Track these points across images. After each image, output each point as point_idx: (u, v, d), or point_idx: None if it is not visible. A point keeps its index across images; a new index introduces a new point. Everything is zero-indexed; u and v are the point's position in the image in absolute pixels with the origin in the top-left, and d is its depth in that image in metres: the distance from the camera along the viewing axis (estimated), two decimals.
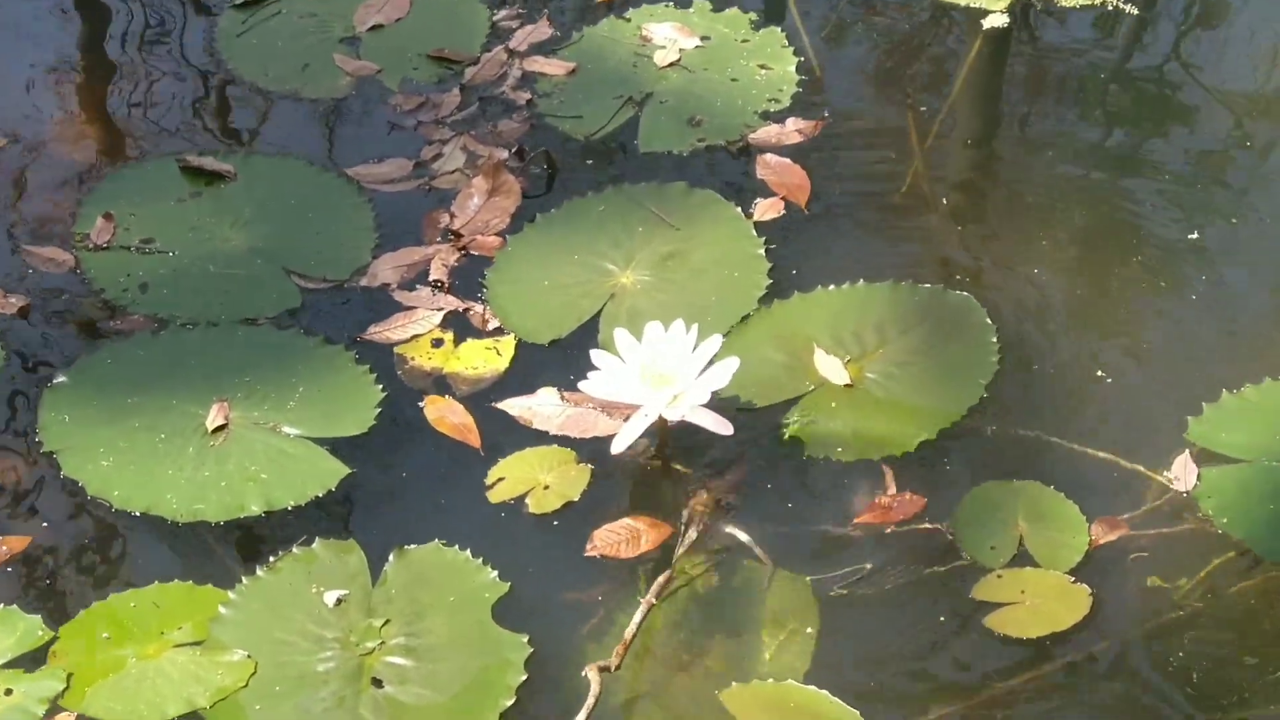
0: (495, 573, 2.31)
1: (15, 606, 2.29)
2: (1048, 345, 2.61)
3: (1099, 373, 2.57)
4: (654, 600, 2.26)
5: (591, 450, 2.46)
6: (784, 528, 2.38)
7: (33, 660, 2.24)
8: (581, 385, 2.38)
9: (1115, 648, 2.24)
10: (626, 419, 2.41)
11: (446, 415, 2.53)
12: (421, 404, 2.57)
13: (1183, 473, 2.40)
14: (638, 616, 2.23)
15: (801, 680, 2.19)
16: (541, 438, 2.50)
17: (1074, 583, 2.30)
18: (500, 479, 2.43)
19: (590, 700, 2.13)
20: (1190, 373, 2.55)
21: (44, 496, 2.47)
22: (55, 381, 2.59)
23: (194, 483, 2.44)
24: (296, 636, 2.26)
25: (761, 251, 2.75)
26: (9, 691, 2.19)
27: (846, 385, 2.52)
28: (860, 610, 2.29)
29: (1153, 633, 2.26)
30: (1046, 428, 2.49)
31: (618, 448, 2.35)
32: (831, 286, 2.67)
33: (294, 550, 2.35)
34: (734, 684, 2.19)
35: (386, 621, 2.27)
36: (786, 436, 2.47)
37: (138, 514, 2.42)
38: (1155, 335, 2.64)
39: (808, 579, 2.31)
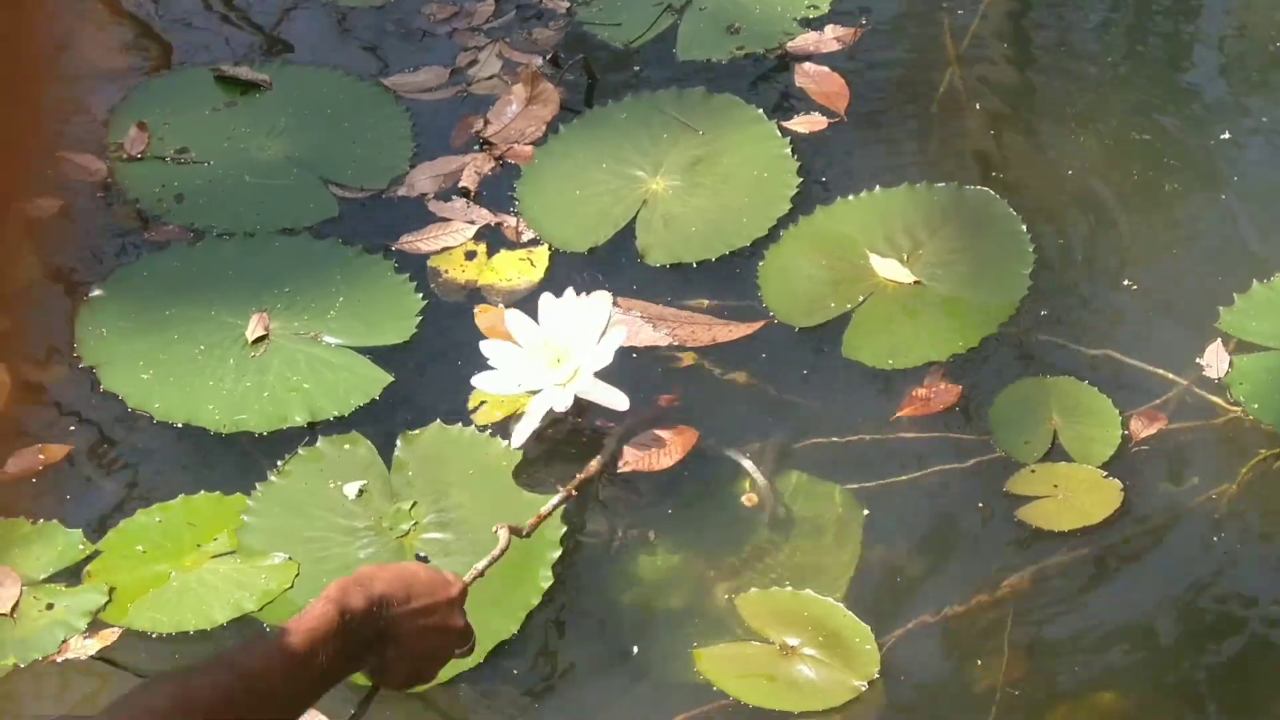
0: (506, 442, 2.32)
1: (56, 521, 2.29)
2: (1081, 244, 2.60)
3: (1130, 272, 2.56)
4: (574, 491, 2.25)
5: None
6: (820, 438, 2.36)
7: (72, 575, 2.25)
8: (475, 381, 2.31)
9: (1146, 541, 2.26)
10: (655, 328, 2.40)
11: (497, 324, 2.52)
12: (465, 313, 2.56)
13: (1215, 360, 2.41)
14: (554, 501, 2.22)
15: (832, 581, 2.18)
16: None
17: (1106, 477, 2.30)
18: (482, 403, 2.41)
19: (494, 553, 2.02)
20: (1223, 268, 2.54)
21: (83, 411, 2.46)
22: (91, 295, 2.58)
23: (235, 394, 2.44)
24: (328, 532, 2.28)
25: (788, 152, 2.73)
26: (50, 606, 2.20)
27: (915, 283, 2.49)
28: (892, 506, 2.29)
29: (1184, 526, 2.27)
30: (1080, 324, 2.49)
31: (517, 442, 2.26)
32: (864, 193, 2.64)
33: (299, 451, 2.34)
34: (753, 590, 2.18)
35: (414, 504, 2.28)
36: (844, 351, 2.46)
37: (179, 426, 2.42)
38: (1187, 232, 2.63)
39: (839, 486, 2.31)
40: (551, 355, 2.26)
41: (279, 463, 2.35)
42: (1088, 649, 2.16)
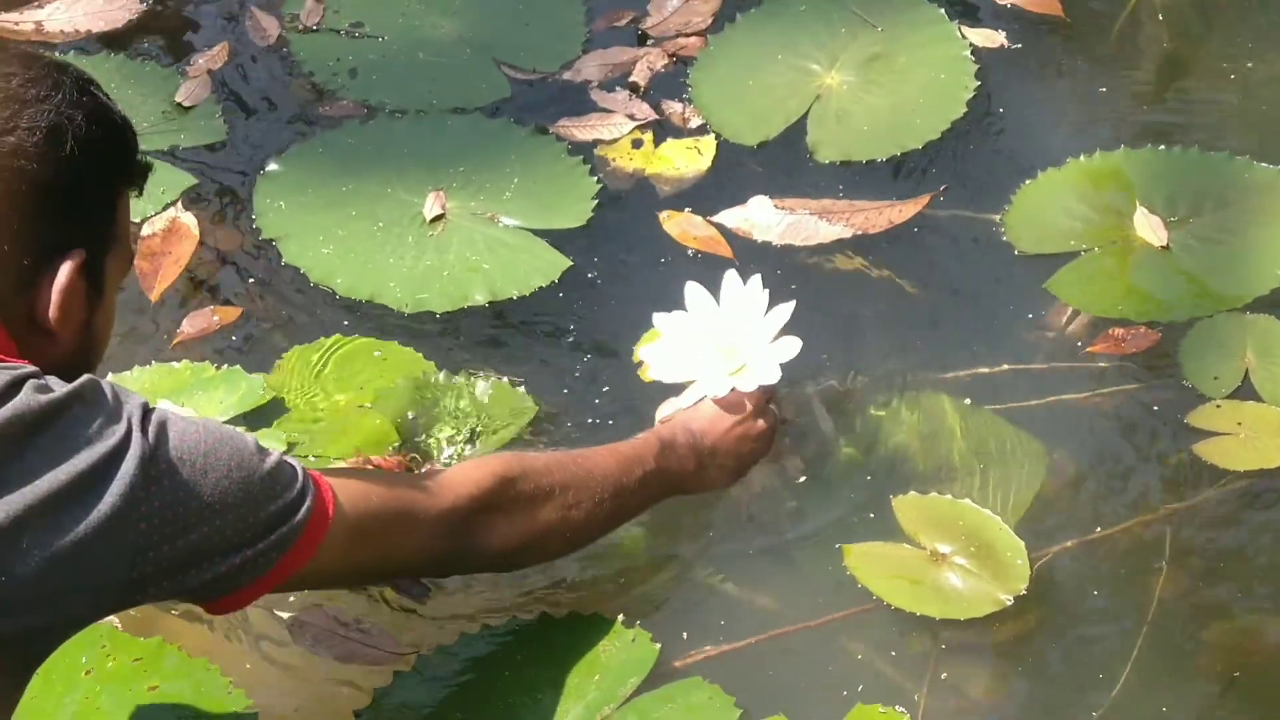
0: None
1: (238, 367, 2.32)
2: None
3: None
4: None
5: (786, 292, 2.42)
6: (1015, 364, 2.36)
7: (252, 418, 2.27)
8: (642, 353, 2.24)
9: None
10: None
11: (689, 230, 2.53)
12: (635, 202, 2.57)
13: None
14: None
15: (1002, 493, 2.19)
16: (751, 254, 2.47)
17: None
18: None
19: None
20: None
21: (267, 283, 2.49)
22: (268, 168, 2.60)
23: (416, 272, 2.45)
24: None
25: (968, 54, 2.70)
26: None
27: (1163, 247, 2.46)
28: (1069, 427, 2.28)
29: None
30: None
31: (661, 415, 2.19)
32: (1154, 146, 2.59)
33: None
34: (911, 493, 2.19)
35: None
36: (1049, 285, 2.44)
37: (363, 302, 2.43)
38: None
39: (1012, 406, 2.30)
40: (724, 342, 2.17)
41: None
42: (1245, 581, 2.13)
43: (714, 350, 2.15)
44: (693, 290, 2.18)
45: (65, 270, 1.55)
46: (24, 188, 1.51)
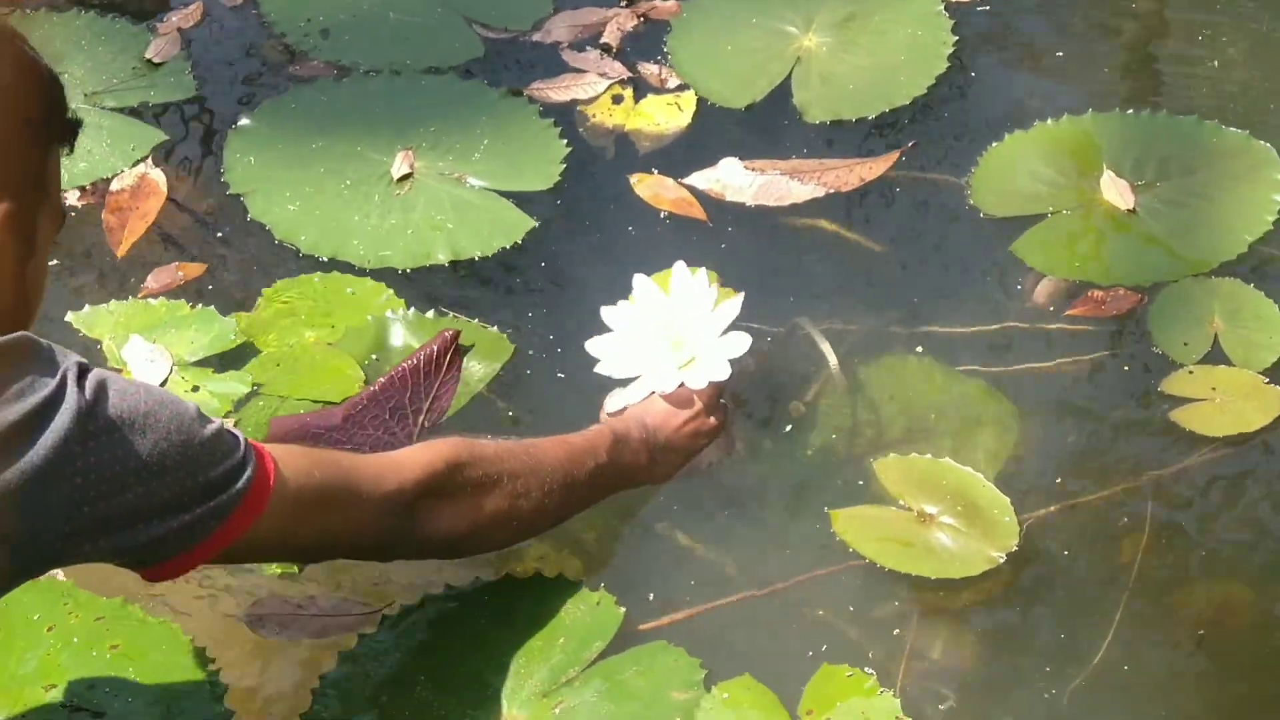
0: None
1: (213, 307, 2.32)
2: None
3: None
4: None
5: (755, 252, 2.41)
6: (985, 324, 2.34)
7: (221, 362, 2.27)
8: (588, 346, 2.17)
9: None
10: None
11: (660, 192, 2.50)
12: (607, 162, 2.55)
13: None
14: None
15: (978, 454, 2.17)
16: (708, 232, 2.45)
17: (1268, 384, 2.24)
18: None
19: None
20: None
21: (231, 239, 2.47)
22: (239, 123, 2.58)
23: (380, 230, 2.43)
24: None
25: (940, 8, 2.70)
26: (195, 389, 2.23)
27: (1129, 211, 2.44)
28: (1044, 393, 2.26)
29: None
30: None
31: (610, 408, 2.14)
32: (1121, 111, 2.57)
33: None
34: (892, 455, 2.17)
35: None
36: (1014, 248, 2.42)
37: (324, 259, 2.42)
38: None
39: (984, 370, 2.28)
40: (672, 336, 2.13)
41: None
42: (1225, 545, 2.12)
43: (662, 343, 2.12)
44: (641, 282, 2.16)
45: None
46: None
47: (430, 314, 2.32)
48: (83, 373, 1.51)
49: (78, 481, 1.49)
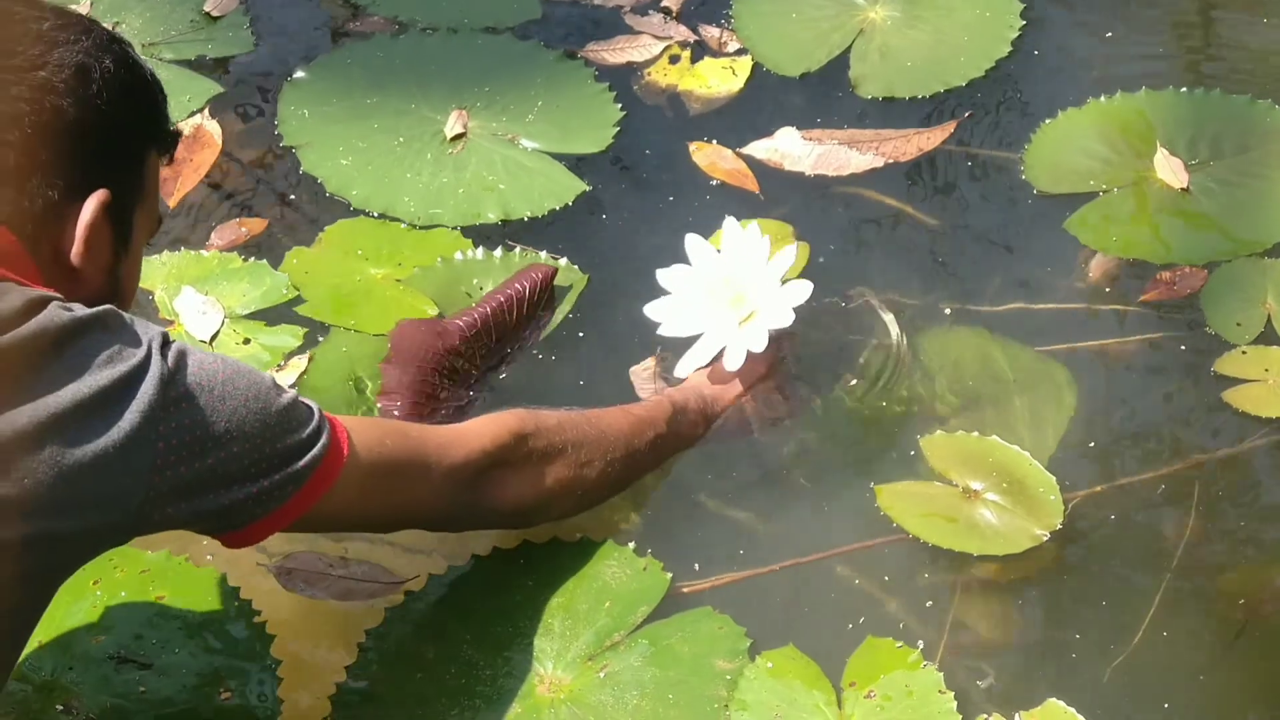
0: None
1: (265, 262, 2.33)
2: None
3: None
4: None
5: (811, 223, 2.41)
6: (1034, 303, 2.33)
7: (273, 315, 2.29)
8: (648, 310, 2.18)
9: None
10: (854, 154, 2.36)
11: (717, 161, 2.50)
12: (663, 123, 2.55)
13: None
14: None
15: (1026, 432, 2.16)
16: (761, 204, 2.44)
17: None
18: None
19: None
20: None
21: (283, 192, 2.47)
22: (294, 76, 2.59)
23: (431, 188, 2.44)
24: None
25: None
26: (247, 341, 2.24)
27: (1183, 190, 2.42)
28: (1095, 371, 2.25)
29: None
30: None
31: (681, 373, 2.15)
32: (1171, 88, 2.56)
33: None
34: (938, 432, 2.16)
35: None
36: (1067, 225, 2.41)
37: (375, 215, 2.42)
38: None
39: (1035, 349, 2.27)
40: (730, 292, 2.15)
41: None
42: (1272, 529, 2.11)
43: (722, 300, 2.14)
44: (693, 241, 2.16)
45: (90, 206, 1.58)
46: (52, 122, 1.55)
47: (498, 252, 2.33)
48: (165, 343, 1.56)
49: (160, 446, 1.53)
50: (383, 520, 1.85)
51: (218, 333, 2.24)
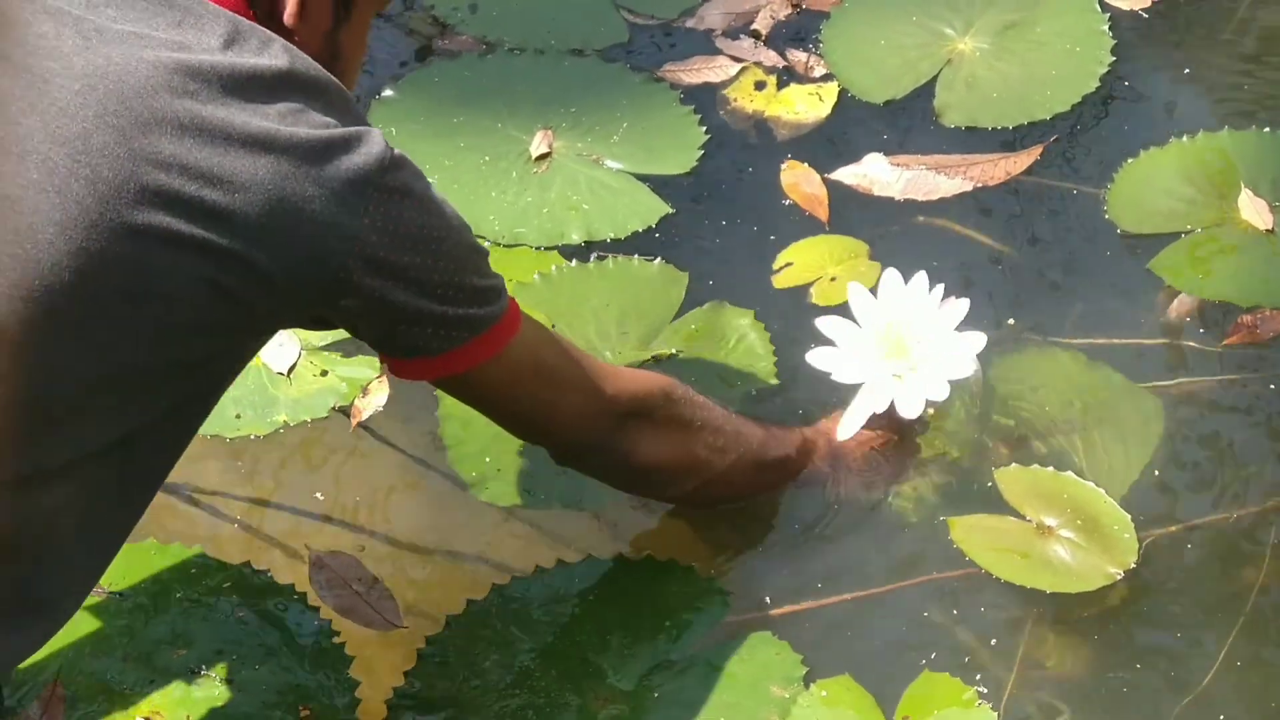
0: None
1: None
2: None
3: None
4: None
5: (889, 248, 2.39)
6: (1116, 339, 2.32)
7: (349, 346, 2.28)
8: (809, 357, 2.14)
9: None
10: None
11: (801, 183, 2.50)
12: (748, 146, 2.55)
13: None
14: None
15: (1103, 468, 2.14)
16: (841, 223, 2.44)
17: None
18: (787, 264, 2.40)
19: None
20: None
21: None
22: (383, 94, 2.61)
23: (516, 207, 2.45)
24: None
25: (1105, 29, 2.66)
26: (324, 373, 2.25)
27: (1268, 231, 2.40)
28: (1174, 414, 2.23)
29: None
30: None
31: (843, 435, 2.11)
32: (1254, 129, 2.54)
33: None
34: (1014, 465, 2.14)
35: None
36: (1151, 265, 2.39)
37: None
38: None
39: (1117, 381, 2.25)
40: (889, 342, 2.13)
41: None
42: None
43: (880, 350, 2.12)
44: (855, 290, 2.15)
45: None
46: None
47: (591, 261, 2.36)
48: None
49: (365, 221, 1.50)
50: (525, 417, 1.81)
51: (295, 364, 2.24)
